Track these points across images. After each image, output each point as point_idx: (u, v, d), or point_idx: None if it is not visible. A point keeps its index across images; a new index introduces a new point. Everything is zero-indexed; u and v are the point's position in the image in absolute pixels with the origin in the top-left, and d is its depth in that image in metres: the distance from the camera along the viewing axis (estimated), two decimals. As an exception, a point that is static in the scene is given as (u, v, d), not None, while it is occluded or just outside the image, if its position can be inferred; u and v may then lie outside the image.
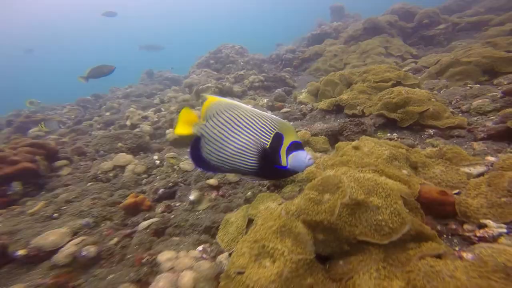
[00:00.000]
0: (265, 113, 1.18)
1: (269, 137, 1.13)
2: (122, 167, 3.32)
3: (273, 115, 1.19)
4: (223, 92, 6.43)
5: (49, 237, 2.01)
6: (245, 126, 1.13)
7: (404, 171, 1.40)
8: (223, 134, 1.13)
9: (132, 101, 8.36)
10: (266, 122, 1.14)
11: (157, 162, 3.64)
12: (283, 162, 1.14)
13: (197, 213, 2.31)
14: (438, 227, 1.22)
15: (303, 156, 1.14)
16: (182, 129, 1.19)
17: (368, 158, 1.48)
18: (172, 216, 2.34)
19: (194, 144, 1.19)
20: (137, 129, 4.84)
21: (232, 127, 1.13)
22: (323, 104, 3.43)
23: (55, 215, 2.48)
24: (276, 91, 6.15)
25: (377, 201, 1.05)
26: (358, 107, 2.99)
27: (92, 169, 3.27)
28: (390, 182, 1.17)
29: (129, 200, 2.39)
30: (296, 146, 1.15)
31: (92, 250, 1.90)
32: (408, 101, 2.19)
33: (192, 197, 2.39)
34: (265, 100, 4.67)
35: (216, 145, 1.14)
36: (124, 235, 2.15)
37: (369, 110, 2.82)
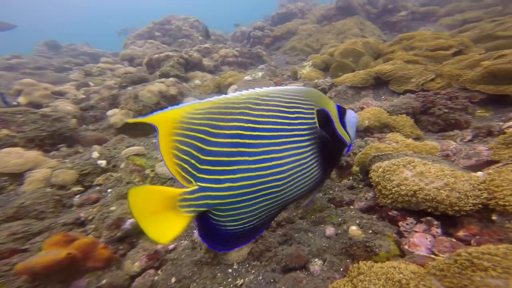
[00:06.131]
0: (283, 88, 0.77)
1: (315, 123, 0.76)
2: (16, 176, 1.77)
3: (287, 87, 0.78)
4: (190, 65, 4.93)
5: None
6: (277, 130, 0.70)
7: None
8: (253, 173, 0.66)
9: (24, 74, 5.82)
10: (298, 102, 0.75)
11: (101, 163, 2.18)
12: (347, 139, 0.86)
13: (230, 270, 1.15)
14: None
15: (352, 116, 0.90)
16: (164, 225, 0.65)
17: None
18: (173, 281, 1.12)
19: (202, 227, 0.70)
20: (48, 109, 3.01)
21: (262, 149, 0.67)
22: (356, 77, 2.58)
23: None
24: (260, 66, 5.04)
25: None
26: (413, 80, 2.24)
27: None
28: None
29: (52, 255, 1.04)
30: (342, 110, 0.87)
31: None
32: (541, 64, 1.54)
33: (212, 237, 1.19)
34: (260, 74, 3.55)
35: (248, 198, 0.67)
36: None
37: (434, 84, 2.10)
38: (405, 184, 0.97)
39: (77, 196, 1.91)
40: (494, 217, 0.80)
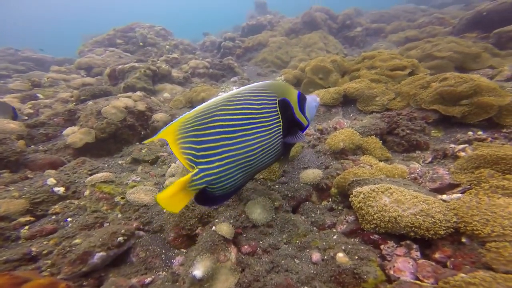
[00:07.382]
0: (252, 85, 1.00)
1: (276, 111, 0.99)
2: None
3: (256, 84, 1.02)
4: (158, 76, 4.71)
5: None
6: (247, 119, 0.93)
7: None
8: (233, 152, 0.92)
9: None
10: (263, 95, 0.97)
11: (58, 190, 1.94)
12: (304, 121, 1.09)
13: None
14: None
15: (313, 100, 1.13)
16: (177, 201, 0.92)
17: None
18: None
19: (201, 197, 0.97)
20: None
21: (238, 134, 0.92)
22: (326, 95, 2.73)
23: None
24: (233, 79, 5.04)
25: None
26: (377, 99, 2.45)
27: None
28: None
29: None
30: (301, 98, 1.08)
31: None
32: (479, 90, 1.78)
33: (198, 272, 1.11)
34: (234, 89, 3.54)
35: (232, 171, 0.94)
36: None
37: (396, 103, 2.32)
38: (385, 210, 1.03)
39: (26, 227, 1.64)
40: (463, 240, 0.90)
